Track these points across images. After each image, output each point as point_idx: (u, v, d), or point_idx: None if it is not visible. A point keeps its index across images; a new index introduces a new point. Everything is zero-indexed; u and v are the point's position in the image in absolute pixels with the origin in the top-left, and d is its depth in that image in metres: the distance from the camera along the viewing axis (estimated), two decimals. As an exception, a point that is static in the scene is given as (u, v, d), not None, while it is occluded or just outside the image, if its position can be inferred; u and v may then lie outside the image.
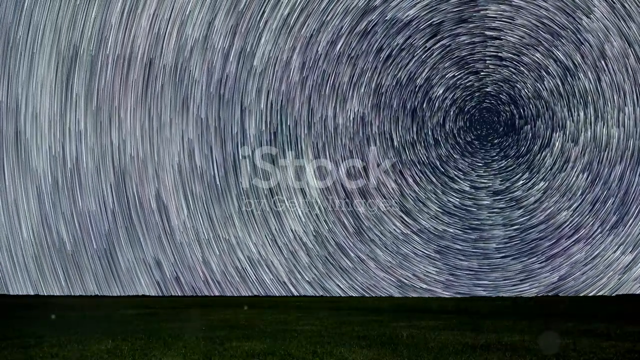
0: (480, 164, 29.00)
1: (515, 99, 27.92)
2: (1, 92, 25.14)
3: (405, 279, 27.05)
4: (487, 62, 27.42)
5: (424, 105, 28.19)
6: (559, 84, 26.79)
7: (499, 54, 27.29)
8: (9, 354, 6.15)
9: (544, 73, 26.86)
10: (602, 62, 25.44)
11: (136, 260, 25.95)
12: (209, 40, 25.72)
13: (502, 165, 28.76)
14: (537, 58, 26.68)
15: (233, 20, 25.68)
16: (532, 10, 25.97)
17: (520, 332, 8.23)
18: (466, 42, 27.24)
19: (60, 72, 25.09)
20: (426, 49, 27.35)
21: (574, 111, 26.88)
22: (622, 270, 25.56)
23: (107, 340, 7.26)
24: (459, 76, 28.00)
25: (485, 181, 28.93)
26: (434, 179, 28.84)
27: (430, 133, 28.70)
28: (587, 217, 26.63)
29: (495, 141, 28.73)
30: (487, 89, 28.06)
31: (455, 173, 29.07)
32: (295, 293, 26.68)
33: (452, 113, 28.51)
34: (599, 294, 25.33)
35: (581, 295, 25.77)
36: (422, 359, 5.76)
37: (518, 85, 27.64)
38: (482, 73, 27.75)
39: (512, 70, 27.43)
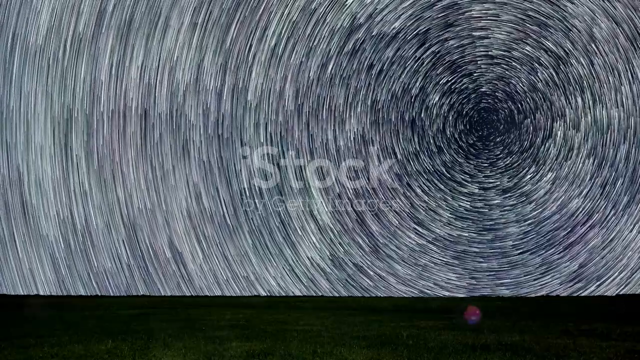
0: (486, 164, 29.06)
1: (511, 95, 28.04)
2: (2, 164, 25.41)
3: (428, 289, 27.14)
4: (479, 62, 27.49)
5: (422, 114, 28.32)
6: (553, 73, 26.93)
7: (489, 53, 27.40)
8: (9, 354, 6.15)
9: (537, 65, 26.98)
10: (593, 45, 25.57)
11: (158, 311, 26.29)
12: (200, 82, 25.98)
13: (508, 162, 28.81)
14: (528, 51, 26.83)
15: (222, 59, 25.97)
16: (516, 5, 26.20)
17: (520, 332, 8.23)
18: (455, 45, 27.39)
19: (57, 136, 25.40)
20: (416, 58, 27.54)
21: (572, 98, 27.01)
22: (640, 249, 25.57)
23: (107, 340, 7.26)
24: (452, 80, 28.12)
25: (493, 180, 28.99)
26: (442, 186, 28.90)
27: (432, 141, 28.80)
28: (599, 201, 26.73)
29: (498, 139, 28.78)
30: (483, 89, 28.14)
31: (462, 177, 29.12)
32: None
33: (451, 118, 28.59)
34: (620, 275, 25.35)
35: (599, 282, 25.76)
36: (422, 359, 5.76)
37: (512, 81, 27.76)
38: (475, 74, 27.81)
39: (505, 66, 27.58)
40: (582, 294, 25.76)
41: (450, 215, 28.64)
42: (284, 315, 12.69)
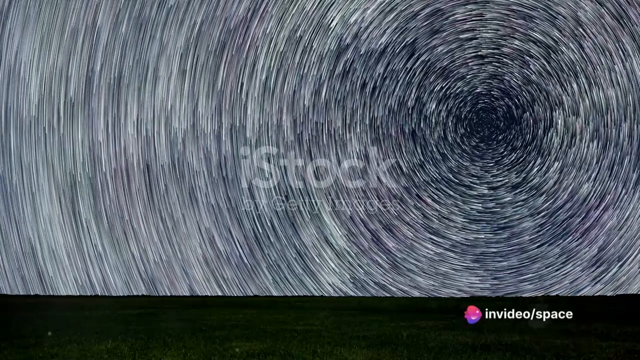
0: (492, 164, 29.14)
1: (507, 91, 28.12)
2: (13, 240, 25.46)
3: (452, 297, 27.30)
4: (470, 64, 27.59)
5: (422, 125, 28.40)
6: (545, 63, 26.99)
7: (479, 53, 27.52)
8: (9, 354, 6.15)
9: (527, 57, 27.08)
10: (580, 29, 25.67)
11: None
12: (197, 127, 26.05)
13: (513, 158, 28.88)
14: (517, 45, 26.94)
15: (215, 101, 25.99)
16: (499, 1, 26.37)
17: (520, 332, 8.23)
18: (444, 51, 27.53)
19: (64, 204, 25.42)
20: (408, 70, 27.62)
21: (567, 85, 27.05)
22: (658, 225, 25.58)
23: (107, 340, 7.26)
24: (446, 86, 28.22)
25: (501, 178, 29.07)
26: (451, 192, 28.93)
27: (435, 149, 28.81)
28: (609, 182, 26.75)
29: (500, 137, 28.87)
30: (478, 90, 28.24)
31: (470, 180, 29.17)
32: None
33: (450, 124, 28.67)
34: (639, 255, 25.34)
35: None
36: (422, 359, 5.76)
37: (506, 77, 27.86)
38: (468, 76, 27.95)
39: (496, 64, 27.69)
40: (605, 277, 25.81)
41: (464, 220, 28.70)
42: (284, 315, 12.69)
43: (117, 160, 25.46)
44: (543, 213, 27.71)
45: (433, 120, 28.56)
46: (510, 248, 27.88)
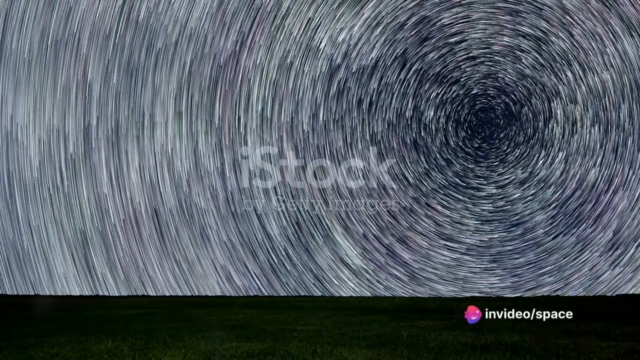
0: (497, 163, 29.26)
1: (502, 89, 28.23)
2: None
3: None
4: (462, 66, 27.73)
5: (422, 133, 28.53)
6: (537, 56, 27.10)
7: (470, 55, 27.65)
8: (9, 354, 6.16)
9: (519, 52, 27.21)
10: (567, 17, 25.80)
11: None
12: (200, 166, 26.12)
13: (517, 154, 28.98)
14: (507, 42, 27.10)
15: (215, 138, 26.12)
16: (484, 0, 26.61)
17: (520, 332, 8.24)
18: (435, 57, 27.67)
19: (78, 261, 25.41)
20: (402, 81, 27.74)
21: (561, 74, 27.15)
22: (669, 202, 25.74)
23: (107, 340, 7.26)
24: (442, 92, 28.35)
25: (508, 176, 29.16)
26: (460, 196, 29.04)
27: (438, 156, 28.89)
28: (615, 165, 26.85)
29: (501, 135, 28.96)
30: (474, 92, 28.36)
31: (478, 182, 29.28)
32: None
33: (450, 129, 28.78)
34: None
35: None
36: (422, 359, 5.76)
37: (500, 75, 27.98)
38: (462, 79, 28.11)
39: (488, 63, 27.80)
40: (624, 259, 25.86)
41: (476, 222, 28.79)
42: (284, 315, 12.69)
43: (124, 210, 25.55)
44: (554, 204, 27.76)
45: (433, 128, 28.72)
46: (525, 244, 27.93)
